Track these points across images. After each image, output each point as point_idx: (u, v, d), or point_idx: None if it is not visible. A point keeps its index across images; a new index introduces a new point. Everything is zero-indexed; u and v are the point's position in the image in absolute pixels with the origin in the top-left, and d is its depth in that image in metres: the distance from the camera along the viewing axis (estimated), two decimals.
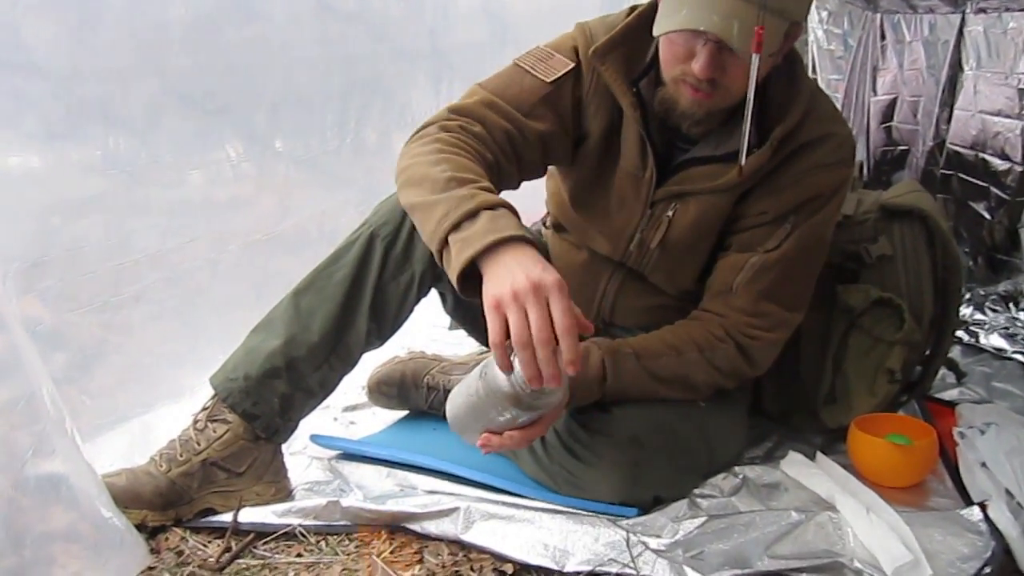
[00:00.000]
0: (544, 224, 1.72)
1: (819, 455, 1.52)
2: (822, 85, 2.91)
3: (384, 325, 1.49)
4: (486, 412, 1.19)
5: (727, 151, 1.41)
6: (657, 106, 1.40)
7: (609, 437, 1.37)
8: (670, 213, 1.45)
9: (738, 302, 1.42)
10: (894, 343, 1.62)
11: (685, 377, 1.40)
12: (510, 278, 1.06)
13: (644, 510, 1.37)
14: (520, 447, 1.20)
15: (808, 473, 1.46)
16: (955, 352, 1.95)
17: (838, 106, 2.80)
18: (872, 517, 1.29)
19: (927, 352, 1.76)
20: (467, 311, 1.67)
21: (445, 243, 1.15)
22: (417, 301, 1.52)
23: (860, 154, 2.78)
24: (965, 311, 2.31)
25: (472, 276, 1.12)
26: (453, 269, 1.13)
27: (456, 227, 1.13)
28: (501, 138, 1.37)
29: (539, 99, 1.42)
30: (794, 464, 1.50)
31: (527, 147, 1.40)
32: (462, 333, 2.17)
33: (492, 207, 1.15)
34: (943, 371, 1.85)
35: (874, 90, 2.78)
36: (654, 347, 1.39)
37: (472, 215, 1.13)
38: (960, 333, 2.18)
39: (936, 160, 2.58)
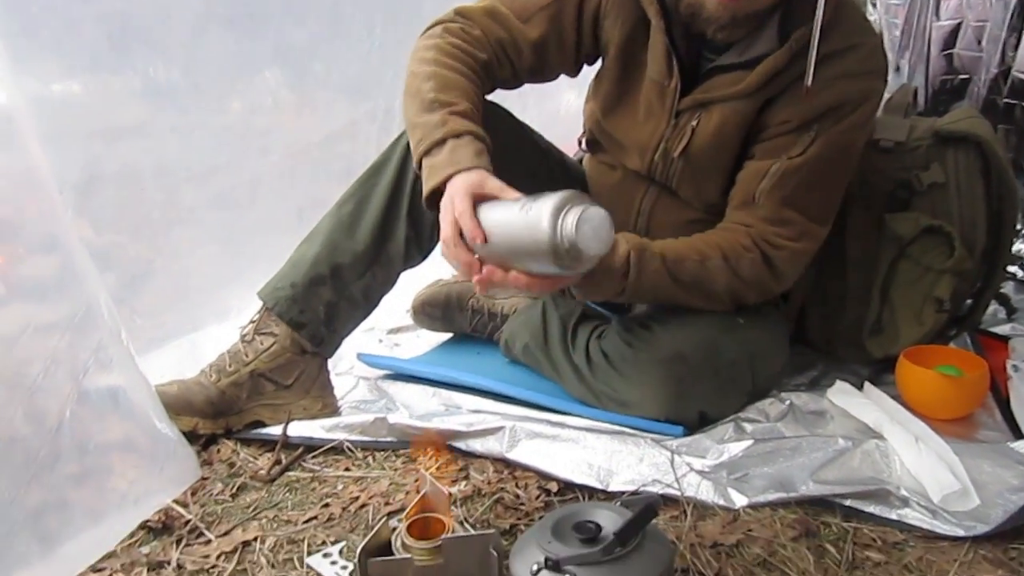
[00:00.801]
0: (580, 145, 1.70)
1: (867, 385, 1.51)
2: (882, 10, 2.80)
3: (423, 236, 1.50)
4: (516, 246, 1.14)
5: (751, 57, 1.38)
6: (683, 11, 1.37)
7: (653, 355, 1.37)
8: (694, 123, 1.43)
9: (761, 211, 1.40)
10: (943, 272, 1.58)
11: (706, 284, 1.38)
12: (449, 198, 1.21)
13: (690, 429, 1.37)
14: (514, 287, 1.18)
15: (855, 403, 1.45)
16: (1007, 288, 1.91)
17: (897, 32, 2.72)
18: (920, 446, 1.28)
19: (977, 285, 1.72)
20: None
21: (420, 165, 1.29)
22: None
23: (918, 82, 2.68)
24: (1020, 246, 2.24)
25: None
26: (423, 193, 1.27)
27: (427, 153, 1.27)
28: (496, 44, 1.44)
29: (539, 9, 1.45)
30: (841, 393, 1.49)
31: (520, 55, 1.46)
32: None
33: (458, 135, 1.26)
34: (994, 306, 1.82)
35: (937, 15, 2.66)
36: (680, 250, 1.38)
37: (440, 143, 1.26)
38: (1013, 268, 2.12)
39: (999, 89, 2.47)
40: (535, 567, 0.95)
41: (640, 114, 1.48)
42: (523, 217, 1.10)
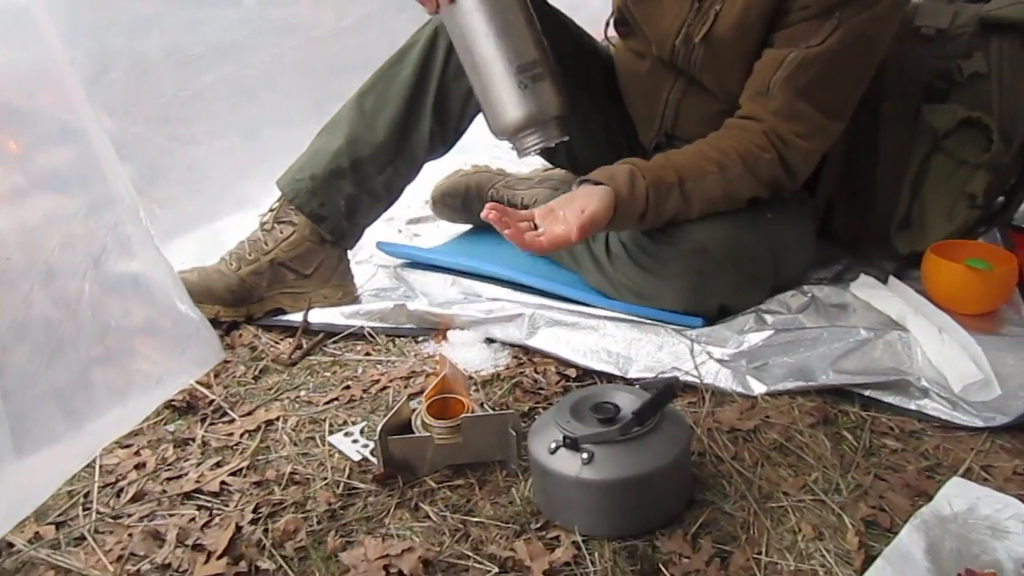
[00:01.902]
0: (606, 33, 1.64)
1: (891, 278, 1.49)
2: None
3: (447, 128, 1.48)
4: None
5: None
6: None
7: (674, 247, 1.35)
8: (717, 7, 1.36)
9: (774, 103, 1.35)
10: (979, 166, 1.53)
11: (731, 193, 1.35)
12: None
13: (709, 321, 1.37)
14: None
15: (879, 295, 1.43)
16: None
17: None
18: (944, 337, 1.27)
19: (1012, 181, 1.67)
20: None
21: None
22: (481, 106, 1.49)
23: None
24: None
25: None
26: None
27: None
28: None
29: None
30: (864, 287, 1.47)
31: None
32: None
33: None
34: None
35: None
36: (699, 165, 1.33)
37: None
38: None
39: None
40: (553, 445, 0.97)
41: None
42: None
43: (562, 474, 0.95)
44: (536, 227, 1.24)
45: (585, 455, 0.94)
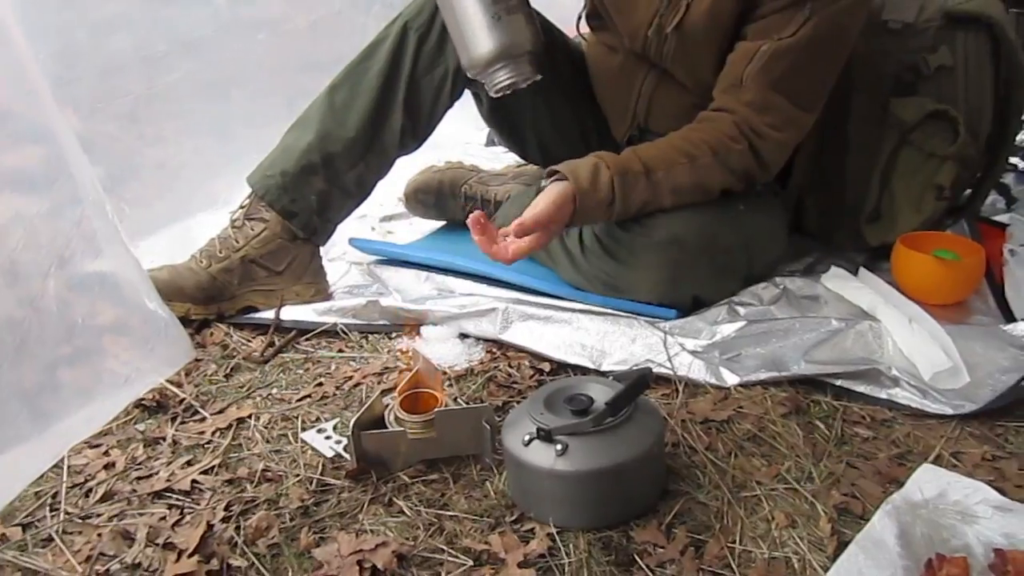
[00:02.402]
0: (578, 29, 1.64)
1: (862, 270, 1.50)
2: None
3: (418, 122, 1.47)
4: None
5: None
6: None
7: (648, 238, 1.35)
8: None
9: (747, 95, 1.36)
10: (946, 158, 1.55)
11: (700, 184, 1.36)
12: None
13: (683, 313, 1.37)
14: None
15: (850, 286, 1.44)
16: (1008, 179, 1.88)
17: None
18: (913, 326, 1.28)
19: (979, 174, 1.70)
20: (504, 115, 1.62)
21: None
22: (451, 100, 1.50)
23: None
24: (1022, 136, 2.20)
25: None
26: None
27: None
28: None
29: None
30: (835, 278, 1.48)
31: None
32: (499, 149, 2.14)
33: None
34: (993, 196, 1.80)
35: None
36: (668, 156, 1.34)
37: None
38: (1015, 160, 2.09)
39: None
40: (527, 437, 0.96)
41: None
42: None
43: (536, 466, 0.95)
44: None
45: (559, 447, 0.94)
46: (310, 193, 1.44)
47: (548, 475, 0.95)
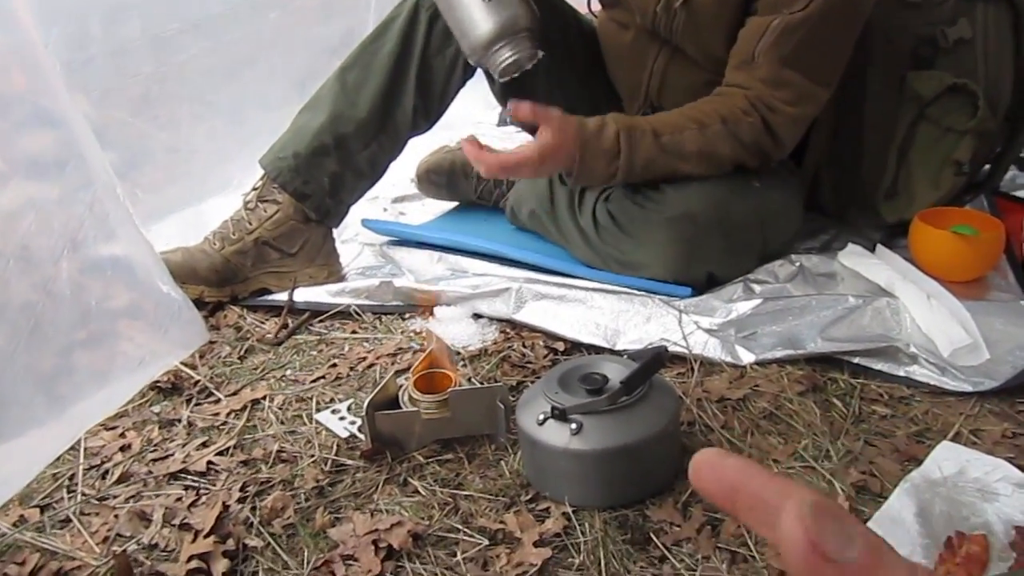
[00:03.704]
0: (588, 6, 1.63)
1: (879, 247, 1.48)
2: None
3: (431, 102, 1.46)
4: None
5: None
6: None
7: (661, 215, 1.34)
8: None
9: (760, 72, 1.34)
10: (965, 132, 1.53)
11: (709, 151, 1.34)
12: None
13: (698, 291, 1.36)
14: None
15: (867, 263, 1.42)
16: None
17: None
18: (932, 303, 1.27)
19: (998, 148, 1.67)
20: (517, 94, 1.60)
21: None
22: (464, 79, 1.49)
23: None
24: None
25: None
26: None
27: None
28: None
29: None
30: (852, 255, 1.46)
31: None
32: (512, 129, 2.13)
33: None
34: (1013, 171, 1.77)
35: None
36: (676, 122, 1.34)
37: None
38: None
39: None
40: (541, 416, 0.96)
41: None
42: None
43: (551, 445, 0.95)
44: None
45: (574, 425, 0.94)
46: (322, 175, 1.44)
47: (563, 454, 0.94)
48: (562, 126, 1.27)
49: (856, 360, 1.20)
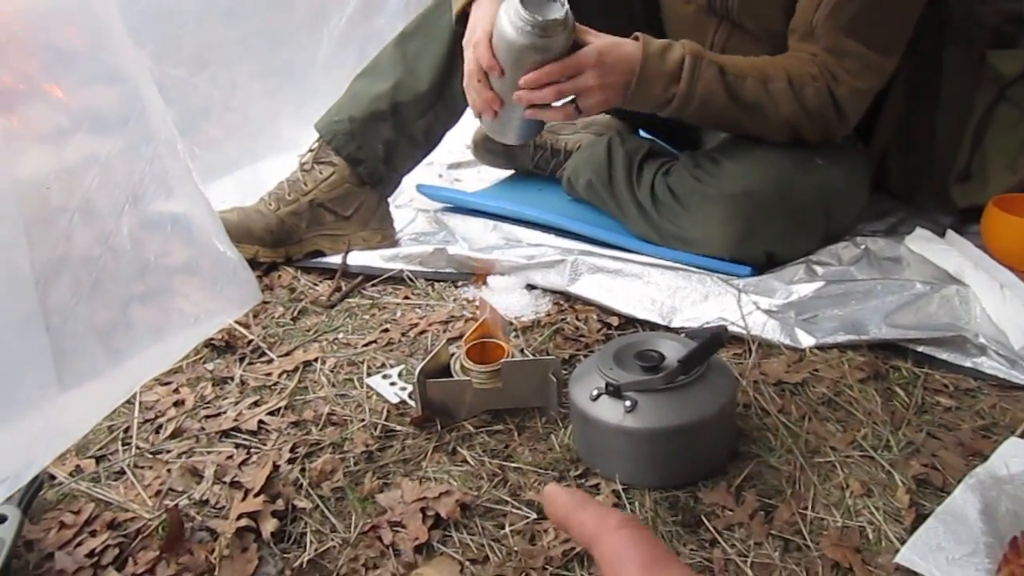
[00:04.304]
0: None
1: (949, 232, 1.43)
2: None
3: None
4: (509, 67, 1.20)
5: None
6: None
7: (721, 190, 1.31)
8: None
9: (820, 42, 1.29)
10: None
11: (766, 107, 1.30)
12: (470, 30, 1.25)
13: (757, 270, 1.33)
14: (553, 98, 1.20)
15: (935, 249, 1.37)
16: None
17: None
18: (1005, 292, 1.21)
19: None
20: None
21: None
22: None
23: None
24: None
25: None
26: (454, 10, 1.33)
27: None
28: None
29: None
30: (920, 240, 1.41)
31: None
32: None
33: None
34: None
35: None
36: (743, 67, 1.29)
37: None
38: None
39: None
40: (595, 392, 0.94)
41: None
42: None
43: (604, 422, 0.93)
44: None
45: (628, 403, 0.92)
46: (377, 141, 1.43)
47: (616, 431, 0.93)
48: (620, 46, 1.23)
49: (921, 349, 1.16)
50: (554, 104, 1.22)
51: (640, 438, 0.92)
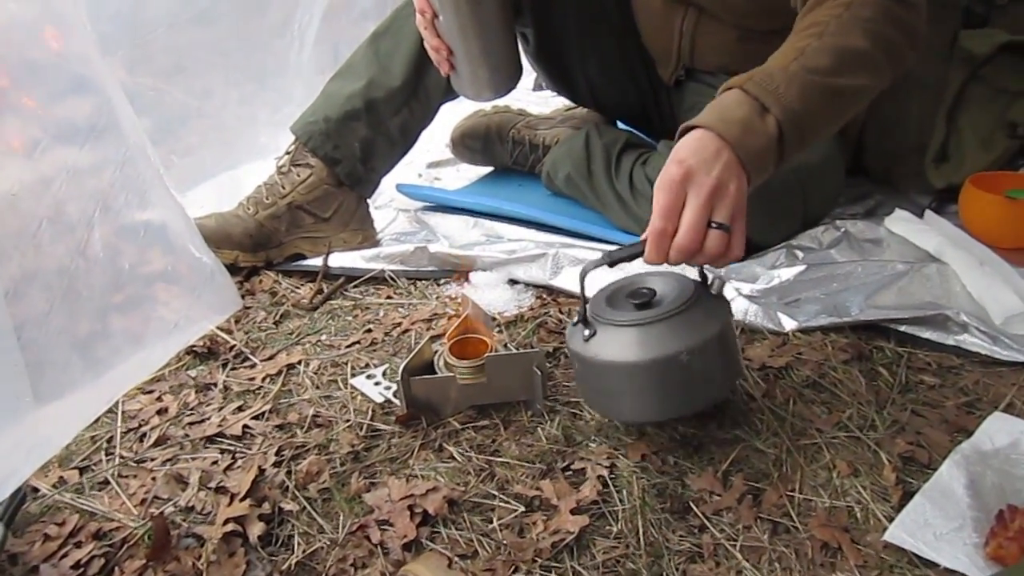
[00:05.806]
0: None
1: (928, 213, 1.43)
2: None
3: None
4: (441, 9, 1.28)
5: None
6: None
7: None
8: None
9: None
10: (1019, 93, 1.47)
11: (845, 49, 0.98)
12: None
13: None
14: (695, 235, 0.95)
15: (915, 229, 1.38)
16: None
17: None
18: (984, 269, 1.22)
19: None
20: (550, 55, 1.57)
21: None
22: None
23: None
24: None
25: None
26: None
27: None
28: None
29: None
30: (899, 221, 1.41)
31: None
32: (547, 93, 2.09)
33: None
34: None
35: None
36: (788, 49, 1.00)
37: None
38: None
39: None
40: (587, 333, 0.94)
41: None
42: None
43: (602, 360, 0.92)
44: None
45: (624, 338, 0.92)
46: (353, 140, 1.43)
47: (614, 367, 0.92)
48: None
49: (903, 328, 1.17)
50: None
51: (639, 371, 0.91)
